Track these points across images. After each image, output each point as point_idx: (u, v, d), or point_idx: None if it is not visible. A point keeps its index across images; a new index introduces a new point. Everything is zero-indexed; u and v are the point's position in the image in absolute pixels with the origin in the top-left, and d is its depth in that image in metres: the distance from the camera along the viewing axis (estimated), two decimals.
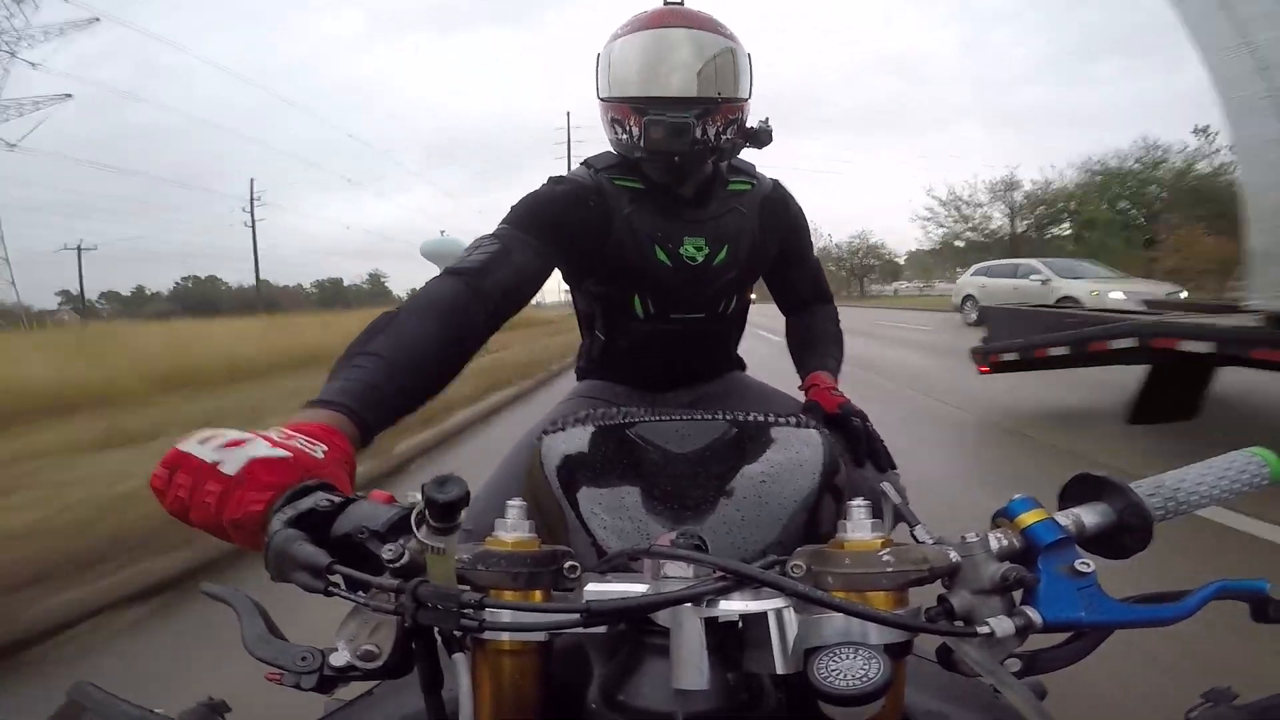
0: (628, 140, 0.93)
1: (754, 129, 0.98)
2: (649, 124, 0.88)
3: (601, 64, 0.95)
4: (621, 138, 0.94)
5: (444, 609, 0.32)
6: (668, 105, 0.89)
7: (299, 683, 0.34)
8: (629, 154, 0.95)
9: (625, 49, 0.92)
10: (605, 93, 0.95)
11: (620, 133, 0.93)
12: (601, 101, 0.96)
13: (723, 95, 0.91)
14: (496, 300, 0.76)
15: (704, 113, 0.89)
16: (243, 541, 0.42)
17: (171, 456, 0.43)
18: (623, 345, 1.04)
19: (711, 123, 0.91)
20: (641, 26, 0.92)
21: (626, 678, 0.36)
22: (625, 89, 0.92)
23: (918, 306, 20.09)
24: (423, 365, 0.65)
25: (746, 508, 0.52)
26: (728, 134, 0.93)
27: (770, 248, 1.04)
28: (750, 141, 0.98)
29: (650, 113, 0.89)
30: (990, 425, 4.24)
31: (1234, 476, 0.41)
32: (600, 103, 0.96)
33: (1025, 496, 0.39)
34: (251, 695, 0.51)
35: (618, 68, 0.93)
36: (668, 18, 0.92)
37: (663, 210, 0.95)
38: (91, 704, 0.36)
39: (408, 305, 0.70)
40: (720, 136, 0.92)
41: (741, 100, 0.94)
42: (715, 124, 0.91)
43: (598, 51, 0.97)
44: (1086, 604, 0.35)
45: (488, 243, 0.81)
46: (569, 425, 0.64)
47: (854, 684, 0.30)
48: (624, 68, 0.92)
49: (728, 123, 0.93)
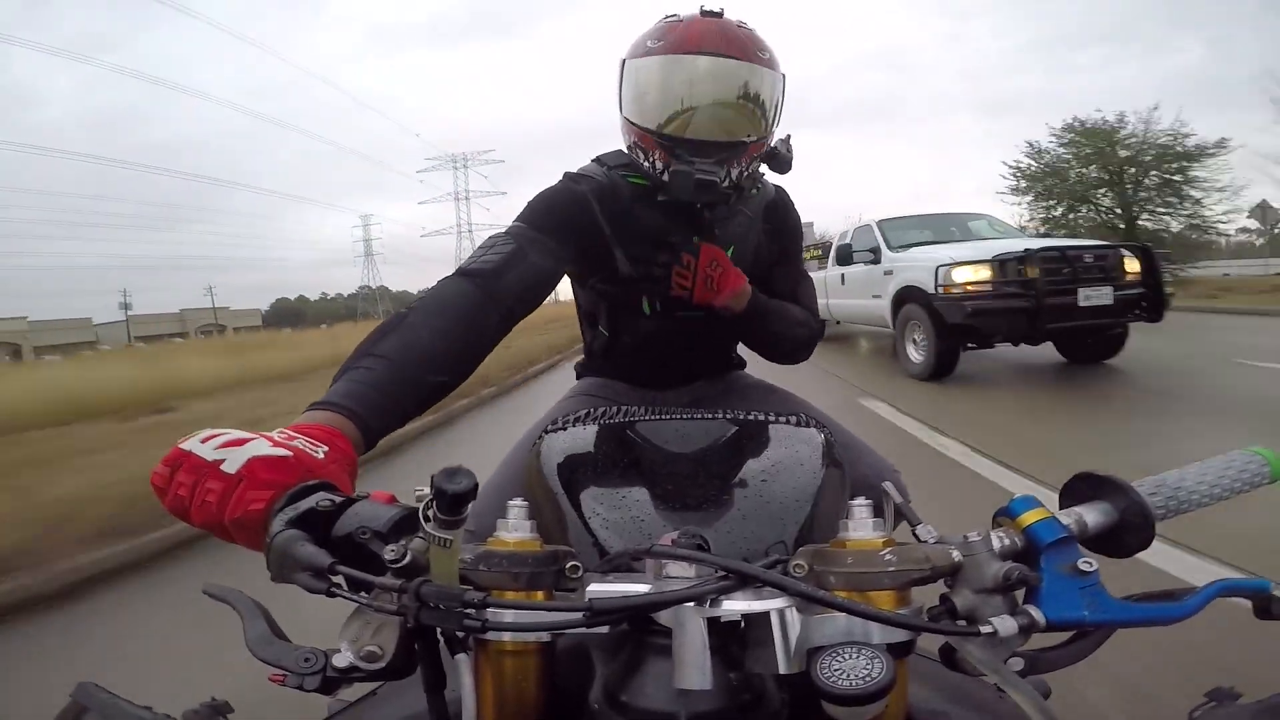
0: (650, 170, 0.90)
1: (774, 150, 0.95)
2: (675, 174, 0.86)
3: (626, 77, 0.91)
4: (643, 164, 0.91)
5: (446, 609, 0.32)
6: (693, 147, 0.86)
7: (302, 684, 0.33)
8: (650, 182, 0.92)
9: (654, 72, 0.87)
10: (628, 113, 0.91)
11: (642, 160, 0.91)
12: (624, 118, 0.92)
13: (751, 137, 0.88)
14: (510, 303, 0.75)
15: (730, 156, 0.87)
16: (244, 541, 0.42)
17: (173, 455, 0.43)
18: (627, 342, 1.04)
19: (737, 164, 0.88)
20: (673, 48, 0.85)
21: (629, 678, 0.36)
22: (649, 119, 0.87)
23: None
24: (430, 369, 0.64)
25: (748, 507, 0.52)
26: (750, 169, 0.92)
27: (772, 251, 1.04)
28: (769, 164, 0.97)
29: (676, 160, 0.86)
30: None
31: (1234, 475, 0.41)
32: (622, 118, 0.93)
33: (1027, 495, 0.39)
34: (256, 692, 0.51)
35: (645, 91, 0.88)
36: (704, 41, 0.84)
37: (674, 211, 0.94)
38: (94, 704, 0.36)
39: (419, 306, 0.69)
40: (743, 175, 0.91)
41: (769, 135, 0.91)
42: (740, 164, 0.89)
43: (622, 58, 0.92)
44: (1089, 603, 0.35)
45: (502, 242, 0.80)
46: (570, 424, 0.64)
47: (857, 684, 0.30)
48: (651, 94, 0.87)
49: (752, 159, 0.91)
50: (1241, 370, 4.91)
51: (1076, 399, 4.44)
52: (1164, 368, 5.12)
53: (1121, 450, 3.10)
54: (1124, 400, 4.26)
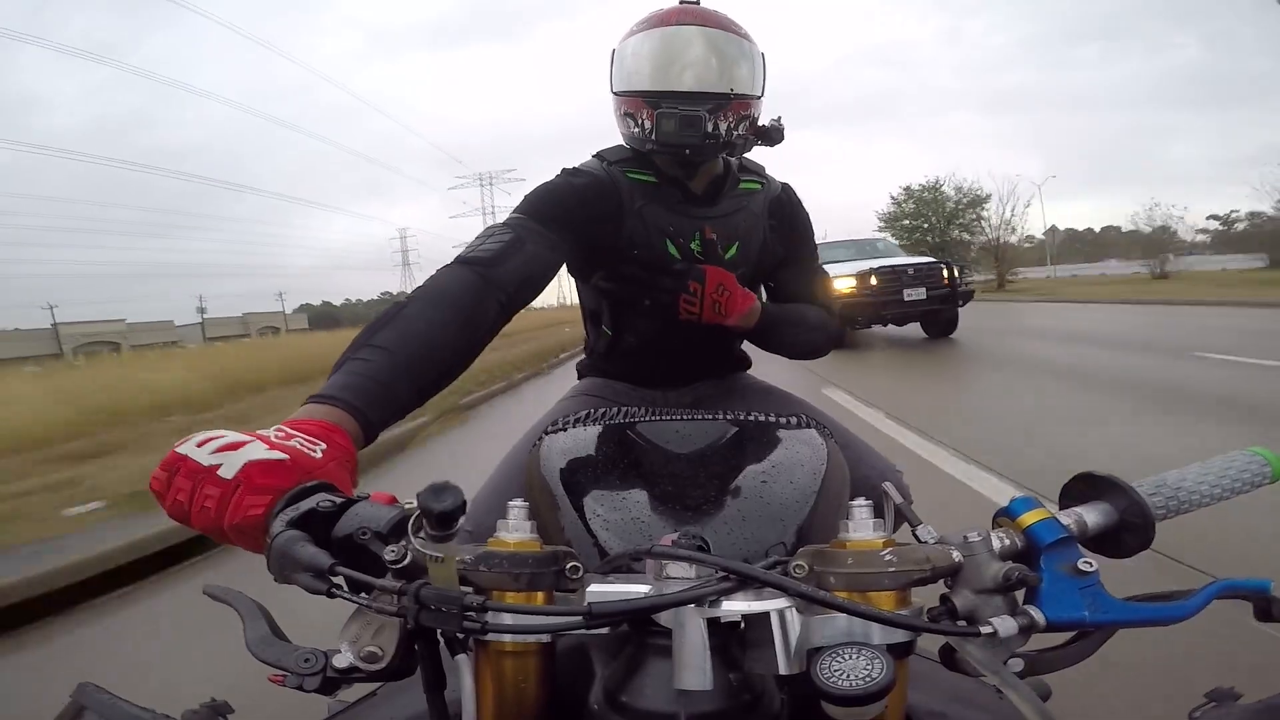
0: (639, 133, 0.93)
1: (765, 127, 0.98)
2: (661, 116, 0.88)
3: (616, 60, 0.96)
4: (634, 130, 0.94)
5: (446, 610, 0.32)
6: (680, 99, 0.89)
7: (302, 684, 0.33)
8: (640, 146, 0.95)
9: (639, 45, 0.93)
10: (618, 87, 0.95)
11: (632, 126, 0.94)
12: (614, 96, 0.96)
13: (735, 91, 0.91)
14: (510, 291, 0.75)
15: (716, 107, 0.90)
16: (244, 544, 0.42)
17: (170, 459, 0.43)
18: (631, 341, 1.04)
19: (723, 118, 0.91)
20: (656, 24, 0.92)
21: (629, 679, 0.36)
22: (638, 82, 0.92)
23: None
24: (430, 359, 0.63)
25: (748, 508, 0.52)
26: (739, 130, 0.93)
27: (777, 249, 1.04)
28: (761, 139, 0.99)
29: (663, 105, 0.89)
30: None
31: (1235, 475, 0.41)
32: (613, 97, 0.97)
33: (1026, 496, 0.39)
34: (255, 695, 0.51)
35: (631, 62, 0.93)
36: (682, 15, 0.92)
37: (674, 205, 0.95)
38: (94, 705, 0.36)
39: (417, 296, 0.68)
40: (732, 131, 0.92)
41: (754, 97, 0.94)
42: (727, 119, 0.91)
43: (612, 48, 0.97)
44: (1089, 603, 0.35)
45: (500, 231, 0.80)
46: (570, 425, 0.64)
47: (857, 684, 0.30)
48: (637, 62, 0.93)
49: (739, 119, 0.93)
50: (1023, 336, 8.91)
51: (924, 354, 7.70)
52: (976, 334, 8.89)
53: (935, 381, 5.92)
54: (952, 358, 7.30)
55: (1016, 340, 8.44)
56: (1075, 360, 6.20)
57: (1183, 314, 10.31)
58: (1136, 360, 5.91)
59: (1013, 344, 8.06)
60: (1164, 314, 10.60)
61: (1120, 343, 7.26)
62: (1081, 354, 6.61)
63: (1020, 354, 7.13)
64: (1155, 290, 16.41)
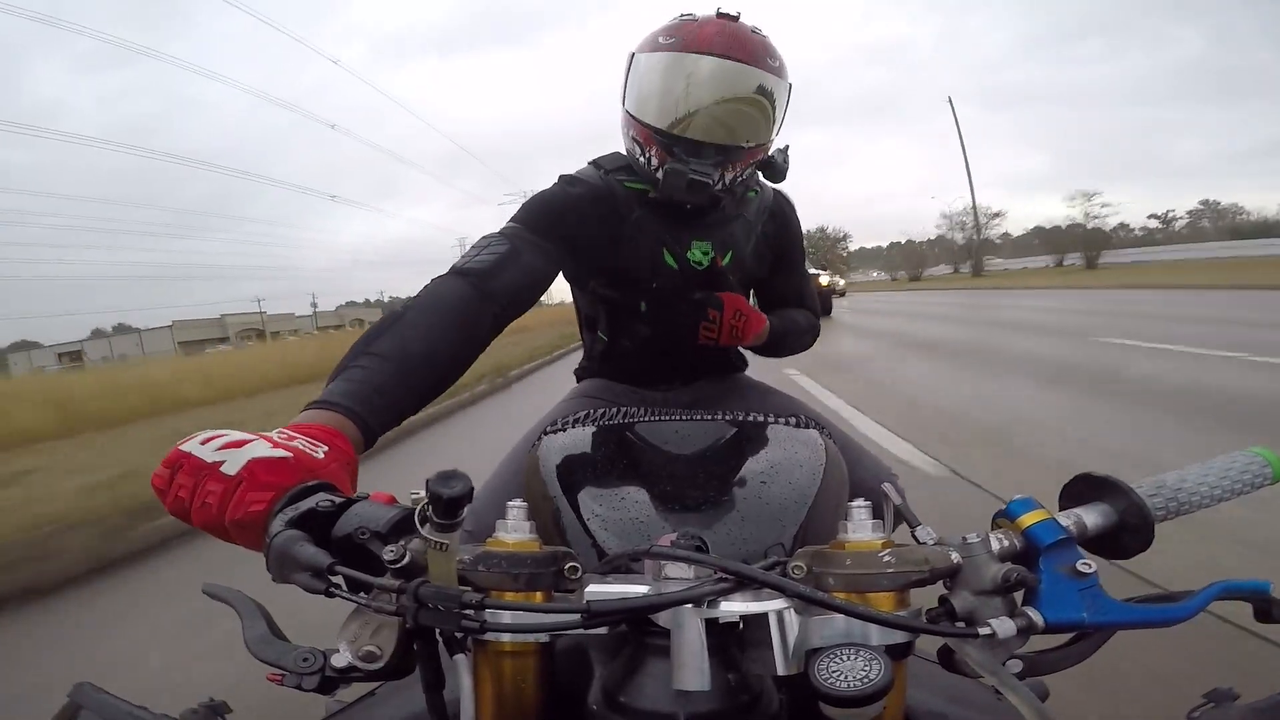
0: (644, 166, 0.91)
1: (769, 159, 0.95)
2: (669, 173, 0.86)
3: (632, 71, 0.91)
4: (639, 159, 0.92)
5: (445, 610, 0.32)
6: (691, 147, 0.86)
7: (300, 684, 0.33)
8: (642, 176, 0.93)
9: (660, 68, 0.86)
10: (631, 107, 0.91)
11: (638, 154, 0.91)
12: (625, 111, 0.93)
13: (750, 143, 0.88)
14: (503, 303, 0.75)
15: (729, 159, 0.88)
16: (244, 542, 0.42)
17: (173, 456, 0.43)
18: (627, 346, 1.04)
19: (732, 168, 0.89)
20: (683, 46, 0.85)
21: (627, 679, 0.36)
22: (651, 115, 0.88)
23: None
24: (426, 367, 0.64)
25: (747, 508, 0.52)
26: (745, 175, 0.92)
27: (769, 255, 1.04)
28: (764, 171, 0.97)
29: (672, 159, 0.86)
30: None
31: (1235, 476, 0.41)
32: (623, 110, 0.93)
33: (1026, 497, 0.39)
34: (253, 694, 0.51)
35: (648, 85, 0.88)
36: (714, 42, 0.84)
37: (671, 214, 0.95)
38: (92, 704, 0.36)
39: (413, 305, 0.69)
40: (737, 181, 0.91)
41: (770, 142, 0.92)
42: (735, 169, 0.89)
43: (631, 51, 0.92)
44: (1088, 605, 0.35)
45: (496, 242, 0.80)
46: (569, 425, 0.64)
47: (855, 685, 0.30)
48: (654, 88, 0.87)
49: (748, 166, 0.91)
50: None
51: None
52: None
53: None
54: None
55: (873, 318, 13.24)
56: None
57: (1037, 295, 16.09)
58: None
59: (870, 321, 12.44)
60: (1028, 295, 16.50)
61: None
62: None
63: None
64: (1055, 279, 23.62)
